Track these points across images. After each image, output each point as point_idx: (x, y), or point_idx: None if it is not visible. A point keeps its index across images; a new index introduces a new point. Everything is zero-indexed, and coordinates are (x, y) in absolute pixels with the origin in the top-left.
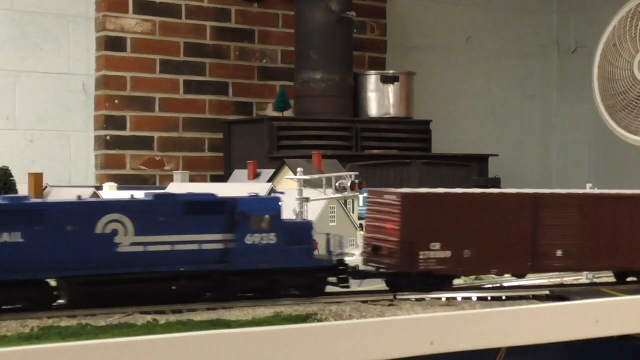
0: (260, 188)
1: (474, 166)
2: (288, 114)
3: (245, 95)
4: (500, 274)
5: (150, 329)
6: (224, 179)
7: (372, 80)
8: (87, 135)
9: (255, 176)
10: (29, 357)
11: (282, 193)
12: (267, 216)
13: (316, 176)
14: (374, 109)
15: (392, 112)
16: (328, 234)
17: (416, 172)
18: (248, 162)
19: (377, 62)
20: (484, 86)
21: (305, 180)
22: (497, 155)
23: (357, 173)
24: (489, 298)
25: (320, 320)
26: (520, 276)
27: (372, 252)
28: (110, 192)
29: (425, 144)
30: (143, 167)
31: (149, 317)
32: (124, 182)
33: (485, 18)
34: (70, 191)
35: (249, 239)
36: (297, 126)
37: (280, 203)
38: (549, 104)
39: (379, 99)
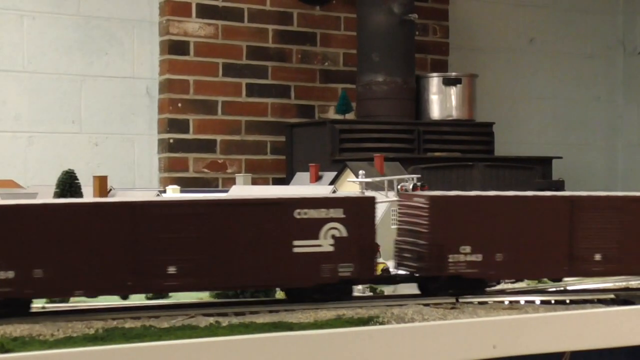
0: (322, 190)
1: (537, 168)
2: (350, 116)
3: (307, 98)
4: (88, 295)
5: (213, 331)
6: (286, 181)
7: (434, 82)
8: (151, 138)
9: (317, 179)
10: (94, 357)
11: None
12: None
13: (378, 179)
14: (436, 111)
15: (454, 114)
16: None
17: (478, 175)
18: (310, 164)
19: (439, 64)
20: (548, 88)
21: (367, 183)
22: (560, 158)
23: (419, 175)
24: (553, 301)
25: (382, 323)
26: (124, 297)
27: None
28: (174, 194)
29: (488, 146)
30: (206, 170)
31: (211, 319)
32: (187, 185)
33: (548, 19)
34: (134, 194)
35: None
36: (358, 129)
37: None
38: (614, 105)
39: (441, 101)
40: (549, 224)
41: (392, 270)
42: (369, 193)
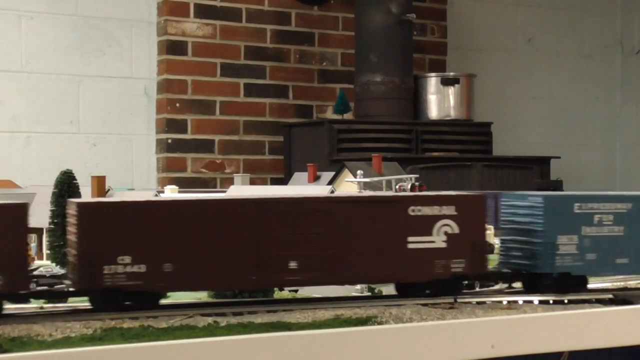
0: (321, 190)
1: (535, 168)
2: (348, 116)
3: (305, 98)
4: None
5: (211, 330)
6: (284, 181)
7: (432, 82)
8: (149, 138)
9: (315, 178)
10: (92, 358)
11: None
12: None
13: (376, 178)
14: (434, 111)
15: (453, 114)
16: None
17: (476, 174)
18: (308, 164)
19: (437, 64)
20: (546, 87)
21: (365, 183)
22: (558, 157)
23: (417, 175)
24: (551, 301)
25: (380, 323)
26: None
27: None
28: (172, 194)
29: (486, 146)
30: (204, 170)
31: (209, 319)
32: (185, 185)
33: (546, 19)
34: (131, 194)
35: None
36: (357, 129)
37: None
38: (612, 105)
39: (439, 101)
40: (233, 230)
41: None
42: (367, 193)
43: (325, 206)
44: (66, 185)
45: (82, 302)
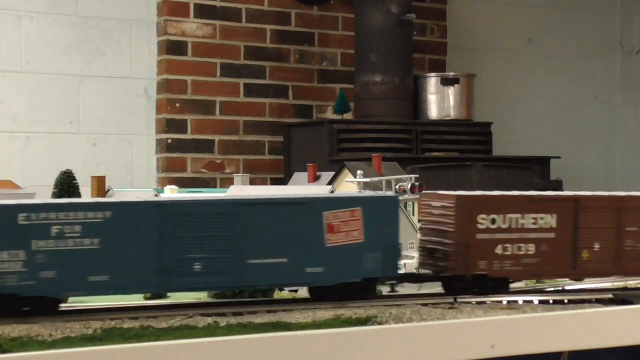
0: (320, 190)
1: (535, 168)
2: (348, 116)
3: (305, 98)
4: None
5: (211, 331)
6: (284, 181)
7: (432, 82)
8: (149, 138)
9: (315, 179)
10: (92, 358)
11: None
12: None
13: (376, 179)
14: (433, 111)
15: (452, 114)
16: None
17: (476, 175)
18: (308, 164)
19: (437, 64)
20: (546, 87)
21: (365, 183)
22: (558, 157)
23: (417, 175)
24: (551, 301)
25: (380, 323)
26: None
27: None
28: (172, 194)
29: (486, 146)
30: (204, 170)
31: (209, 319)
32: (185, 185)
33: (546, 19)
34: (132, 194)
35: None
36: (356, 129)
37: None
38: (612, 105)
39: (439, 101)
40: None
41: None
42: (367, 193)
43: None
44: (66, 185)
45: (82, 302)
